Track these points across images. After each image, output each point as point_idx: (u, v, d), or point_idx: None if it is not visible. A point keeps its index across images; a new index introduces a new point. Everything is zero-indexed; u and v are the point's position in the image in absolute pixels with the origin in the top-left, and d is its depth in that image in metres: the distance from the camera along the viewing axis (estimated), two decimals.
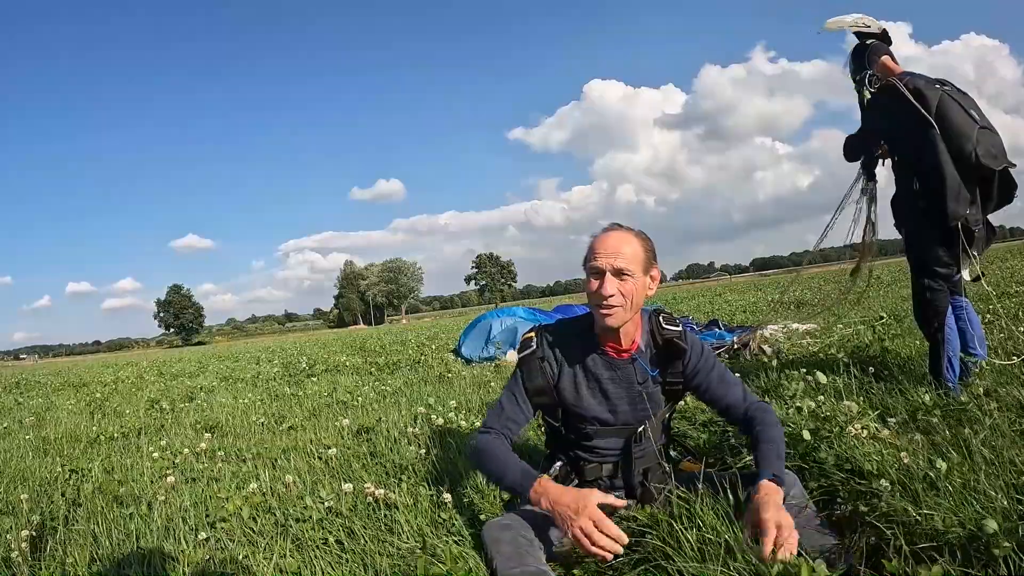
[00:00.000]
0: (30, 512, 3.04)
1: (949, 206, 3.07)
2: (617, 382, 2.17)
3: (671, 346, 2.17)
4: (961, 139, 3.05)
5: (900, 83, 3.25)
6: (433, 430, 3.77)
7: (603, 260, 2.02)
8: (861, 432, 2.39)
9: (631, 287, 2.02)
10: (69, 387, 12.42)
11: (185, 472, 3.53)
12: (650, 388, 2.18)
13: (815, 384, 3.22)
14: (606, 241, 2.06)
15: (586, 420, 2.20)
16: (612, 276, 2.01)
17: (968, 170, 3.05)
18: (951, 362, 3.27)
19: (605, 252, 2.03)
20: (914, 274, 3.42)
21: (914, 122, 3.14)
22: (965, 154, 3.03)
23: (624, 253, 2.02)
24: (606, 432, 2.20)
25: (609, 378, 2.17)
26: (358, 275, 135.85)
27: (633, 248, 2.05)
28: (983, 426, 2.41)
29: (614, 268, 2.01)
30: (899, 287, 9.73)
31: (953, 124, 3.07)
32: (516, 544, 1.85)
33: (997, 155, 3.05)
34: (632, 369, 2.17)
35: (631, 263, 2.02)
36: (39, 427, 6.45)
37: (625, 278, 2.02)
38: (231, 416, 5.73)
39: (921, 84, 3.20)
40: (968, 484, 1.87)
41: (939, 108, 3.11)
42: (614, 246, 2.04)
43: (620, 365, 2.17)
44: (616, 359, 2.17)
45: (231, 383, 9.35)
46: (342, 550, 2.28)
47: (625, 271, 2.01)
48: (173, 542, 2.50)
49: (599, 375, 2.17)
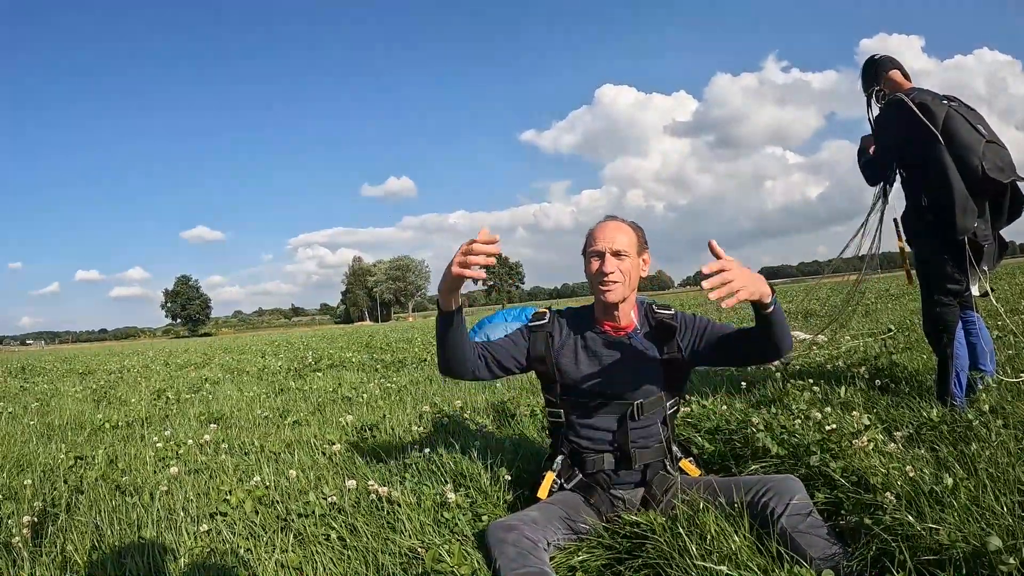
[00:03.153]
0: (32, 498, 3.05)
1: (956, 220, 3.05)
2: (613, 348, 2.32)
3: (663, 326, 2.35)
4: (968, 153, 3.03)
5: (907, 98, 3.24)
6: (438, 429, 3.77)
7: (602, 243, 2.26)
8: (867, 445, 2.39)
9: (628, 266, 2.26)
10: (74, 374, 12.50)
11: (188, 463, 3.54)
12: (647, 361, 2.30)
13: (822, 396, 3.21)
14: (604, 228, 2.30)
15: (582, 391, 2.31)
16: (611, 256, 2.24)
17: (975, 184, 3.03)
18: (959, 378, 3.25)
19: (604, 237, 2.27)
20: (924, 289, 3.40)
21: (921, 137, 3.13)
22: (971, 168, 3.01)
23: (619, 238, 2.26)
24: (604, 408, 2.29)
25: (608, 354, 2.31)
26: (366, 271, 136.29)
27: (627, 234, 2.29)
28: (989, 443, 2.40)
29: (612, 250, 2.25)
30: (908, 300, 9.68)
31: (960, 138, 3.06)
32: (520, 545, 1.85)
33: (1004, 168, 3.03)
34: (628, 344, 2.33)
35: (627, 246, 2.26)
36: (44, 413, 6.49)
37: (622, 258, 2.25)
38: (236, 408, 5.75)
39: (928, 99, 3.18)
40: (973, 500, 1.86)
41: (945, 123, 3.09)
42: (610, 232, 2.28)
43: (618, 341, 2.34)
44: (614, 336, 2.35)
45: (236, 375, 9.37)
46: (344, 547, 2.28)
47: (622, 252, 2.25)
48: (174, 533, 2.50)
49: (598, 351, 2.34)
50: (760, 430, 2.85)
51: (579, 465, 2.31)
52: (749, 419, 3.02)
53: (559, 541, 2.06)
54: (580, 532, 2.14)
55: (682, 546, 1.82)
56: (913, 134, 3.17)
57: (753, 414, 3.20)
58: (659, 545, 1.87)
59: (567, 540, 2.11)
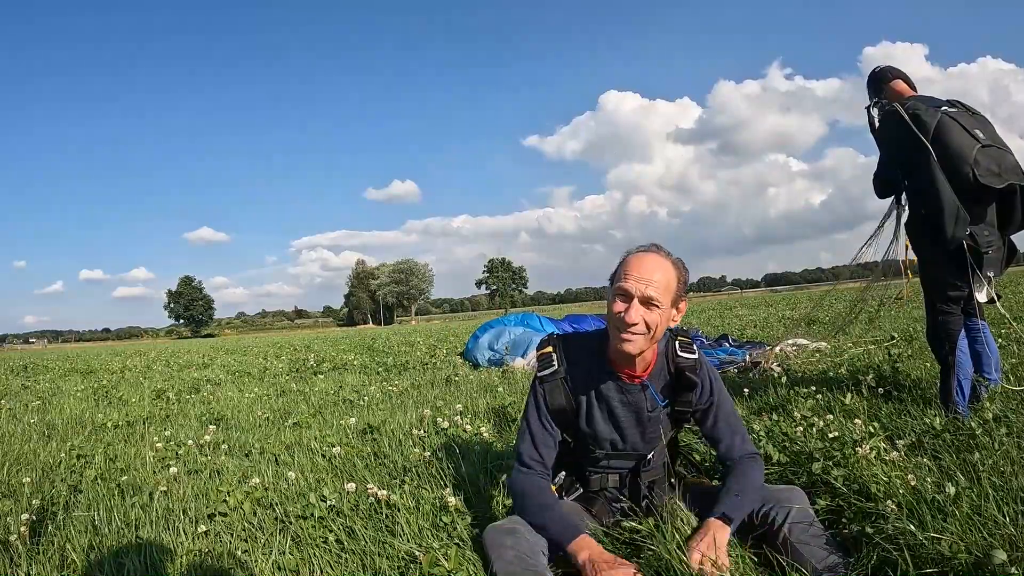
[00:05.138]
0: (31, 496, 3.05)
1: (947, 228, 3.04)
2: (627, 406, 2.13)
3: (683, 377, 2.12)
4: (957, 160, 3.02)
5: (901, 108, 3.24)
6: (438, 433, 3.76)
7: (634, 284, 1.92)
8: (870, 453, 2.37)
9: (656, 318, 1.93)
10: (76, 373, 12.49)
11: (188, 463, 3.53)
12: (658, 415, 2.16)
13: (825, 403, 3.19)
14: (641, 264, 1.95)
15: (596, 443, 2.18)
16: (639, 303, 1.92)
17: (971, 191, 3.02)
18: (961, 386, 3.24)
19: (638, 276, 1.92)
20: (926, 296, 3.40)
21: (915, 147, 3.13)
22: (962, 175, 3.01)
23: (656, 281, 1.92)
24: (615, 456, 2.20)
25: (619, 401, 2.13)
26: (369, 274, 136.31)
27: (667, 277, 1.94)
28: (992, 452, 2.38)
29: (644, 295, 1.91)
30: (912, 307, 9.62)
31: (951, 146, 3.05)
32: (518, 549, 1.84)
33: (1001, 173, 3.00)
34: (643, 395, 2.13)
35: (662, 293, 1.92)
36: (44, 411, 6.49)
37: (652, 308, 1.92)
38: (237, 410, 5.74)
39: (921, 108, 3.19)
40: (976, 510, 1.85)
41: (937, 130, 3.09)
42: (648, 271, 1.93)
43: (631, 390, 2.12)
44: (628, 384, 2.12)
45: (238, 377, 9.37)
46: (342, 549, 2.27)
47: (654, 300, 1.91)
48: (172, 533, 2.49)
49: (610, 398, 2.13)
50: (762, 437, 2.83)
51: (582, 483, 2.27)
52: (751, 426, 3.00)
53: None
54: None
55: (681, 557, 1.81)
56: (907, 144, 3.17)
57: (755, 421, 3.19)
58: (658, 553, 1.85)
59: None
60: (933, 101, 3.28)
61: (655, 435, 2.16)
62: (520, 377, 6.52)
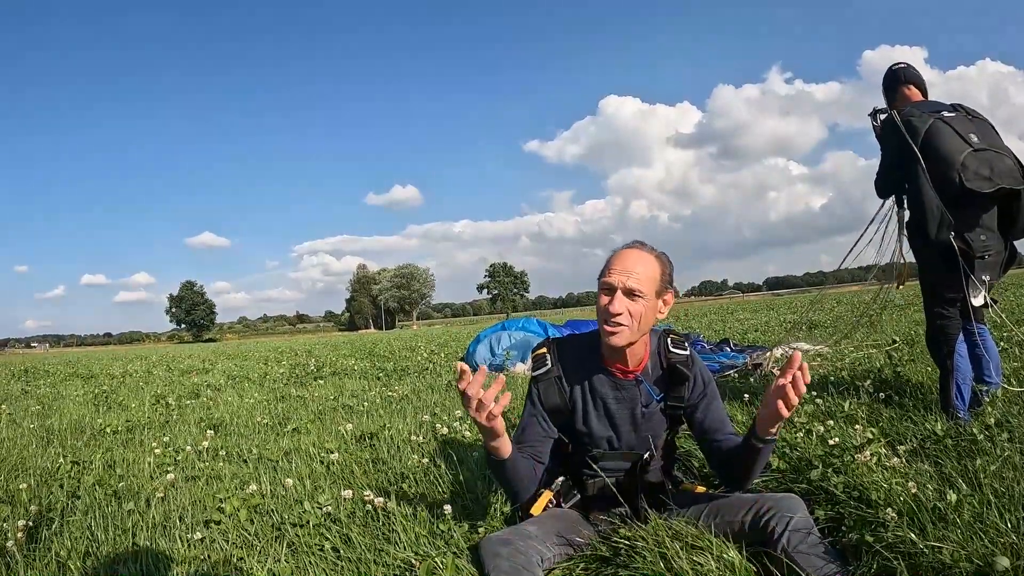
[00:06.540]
0: (28, 502, 3.04)
1: (929, 231, 3.07)
2: (621, 402, 2.14)
3: (675, 372, 2.14)
4: (944, 165, 3.05)
5: (897, 115, 3.28)
6: (437, 439, 3.75)
7: (616, 277, 1.98)
8: (870, 459, 2.35)
9: (640, 308, 1.98)
10: (77, 377, 12.47)
11: (186, 470, 3.52)
12: (653, 411, 2.16)
13: (825, 408, 3.18)
14: (623, 258, 2.02)
15: (592, 442, 2.18)
16: (623, 295, 1.97)
17: (959, 196, 3.04)
18: (960, 390, 3.23)
19: (619, 269, 1.99)
20: (925, 299, 3.42)
21: (908, 152, 3.17)
22: (948, 179, 3.03)
23: (638, 273, 1.98)
24: (612, 456, 2.19)
25: (614, 398, 2.14)
26: (370, 279, 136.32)
27: (649, 269, 2.00)
28: (994, 457, 2.37)
29: (625, 287, 1.97)
30: (913, 311, 9.62)
31: (940, 150, 3.08)
32: (514, 560, 1.82)
33: (991, 177, 3.01)
34: (637, 391, 2.14)
35: (644, 284, 1.98)
36: (44, 416, 6.48)
37: (636, 298, 1.97)
38: (235, 415, 5.73)
39: (915, 114, 3.22)
40: (977, 517, 1.83)
41: (927, 136, 3.13)
42: (630, 264, 1.99)
43: (625, 386, 2.14)
44: (621, 379, 2.14)
45: (238, 382, 9.36)
46: (337, 557, 2.26)
47: (636, 292, 1.97)
48: (168, 540, 2.48)
49: (604, 395, 2.14)
50: None
51: (579, 488, 2.26)
52: None
53: (556, 557, 2.01)
54: (578, 548, 2.09)
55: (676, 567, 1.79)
56: (902, 150, 3.21)
57: None
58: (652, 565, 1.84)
59: (564, 556, 2.05)
60: (933, 106, 3.29)
61: (650, 433, 2.16)
62: (521, 382, 6.51)
